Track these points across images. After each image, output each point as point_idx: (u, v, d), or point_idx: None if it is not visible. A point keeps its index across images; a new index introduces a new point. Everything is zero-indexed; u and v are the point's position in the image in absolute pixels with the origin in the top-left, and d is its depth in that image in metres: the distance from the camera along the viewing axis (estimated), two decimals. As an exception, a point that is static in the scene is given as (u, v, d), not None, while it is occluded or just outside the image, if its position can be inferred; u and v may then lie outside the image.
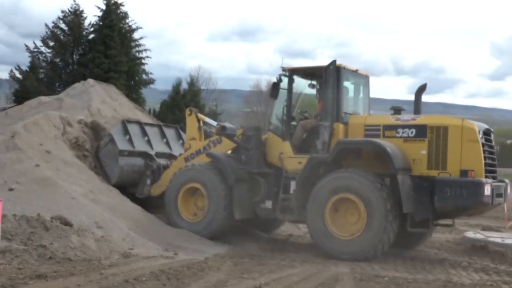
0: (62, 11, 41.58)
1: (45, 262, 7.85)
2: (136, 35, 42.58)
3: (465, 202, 9.37)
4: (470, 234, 12.26)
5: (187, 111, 13.45)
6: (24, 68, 41.39)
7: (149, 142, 13.82)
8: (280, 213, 10.90)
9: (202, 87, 54.31)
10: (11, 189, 10.55)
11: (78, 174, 12.10)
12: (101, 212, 10.49)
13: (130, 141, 13.28)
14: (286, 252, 10.38)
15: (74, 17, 41.39)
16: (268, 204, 11.07)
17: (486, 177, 9.58)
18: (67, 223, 9.37)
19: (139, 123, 14.21)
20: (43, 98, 16.94)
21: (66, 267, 7.58)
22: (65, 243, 8.67)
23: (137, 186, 12.88)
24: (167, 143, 14.36)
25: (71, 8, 41.65)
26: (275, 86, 11.33)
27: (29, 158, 11.56)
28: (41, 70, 41.43)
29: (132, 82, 41.06)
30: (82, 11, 41.68)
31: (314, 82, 11.67)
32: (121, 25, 41.13)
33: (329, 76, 10.66)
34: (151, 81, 44.01)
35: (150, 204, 12.60)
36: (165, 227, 11.38)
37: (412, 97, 11.28)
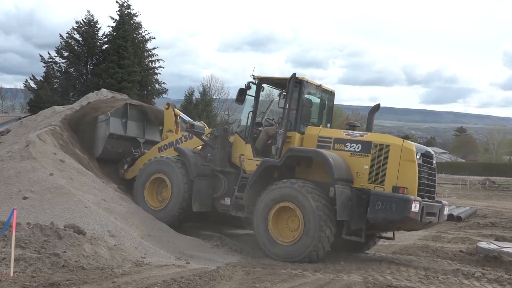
0: (77, 22, 41.95)
1: (58, 270, 7.87)
2: (149, 45, 42.90)
3: (392, 216, 9.69)
4: (484, 244, 12.16)
5: (165, 106, 14.17)
6: (38, 78, 41.79)
7: (143, 128, 14.37)
8: (233, 210, 11.35)
9: (214, 97, 54.55)
10: (25, 198, 10.61)
11: (91, 183, 12.16)
12: (114, 220, 10.53)
13: (125, 124, 13.83)
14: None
15: (88, 27, 41.71)
16: (227, 201, 11.53)
17: (421, 196, 10.03)
18: (80, 232, 9.40)
19: (141, 106, 14.80)
20: (57, 108, 17.07)
21: (79, 275, 7.60)
22: (78, 252, 8.69)
23: (115, 164, 13.75)
24: (162, 131, 14.63)
25: (85, 19, 42.04)
26: (242, 92, 11.72)
27: (43, 167, 11.63)
28: (56, 80, 41.76)
29: (145, 92, 41.24)
30: (96, 22, 42.03)
31: (284, 92, 11.85)
32: (135, 35, 41.39)
33: (290, 88, 11.12)
34: (164, 91, 44.23)
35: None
36: (178, 236, 11.38)
37: (425, 107, 11.49)
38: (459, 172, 69.05)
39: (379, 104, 11.75)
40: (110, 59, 39.37)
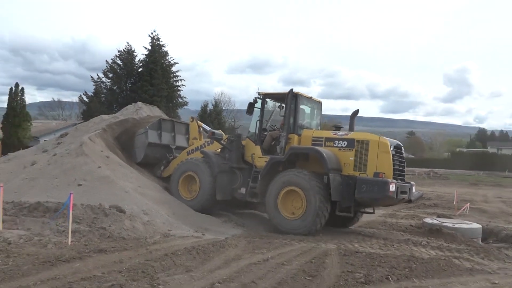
0: (119, 51, 41.88)
1: (104, 240, 7.89)
2: (174, 68, 42.68)
3: (375, 195, 9.88)
4: (428, 220, 12.17)
5: (190, 119, 14.20)
6: (89, 94, 41.67)
7: (174, 137, 14.23)
8: (249, 197, 11.35)
9: (224, 108, 54.41)
10: (79, 185, 10.63)
11: (129, 173, 12.17)
12: (147, 202, 10.53)
13: (160, 135, 13.70)
14: (287, 234, 10.34)
15: (127, 55, 41.63)
16: (243, 190, 11.50)
17: (395, 179, 10.14)
18: (121, 211, 9.41)
19: (172, 121, 14.79)
20: (104, 116, 17.05)
21: (120, 244, 7.62)
22: (120, 226, 8.70)
23: (154, 167, 13.64)
24: (188, 139, 14.57)
25: (125, 48, 41.94)
26: (251, 106, 11.68)
27: (93, 161, 11.64)
28: (102, 95, 41.65)
29: (171, 104, 41.14)
30: (133, 51, 41.93)
31: (283, 104, 11.81)
32: (163, 61, 41.26)
33: (288, 100, 11.19)
34: (185, 103, 44.08)
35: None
36: (196, 214, 11.38)
37: (384, 115, 11.65)
38: (410, 166, 68.88)
39: (358, 110, 11.80)
40: (144, 79, 39.28)
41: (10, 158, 14.79)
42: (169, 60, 42.24)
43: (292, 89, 11.18)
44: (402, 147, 11.04)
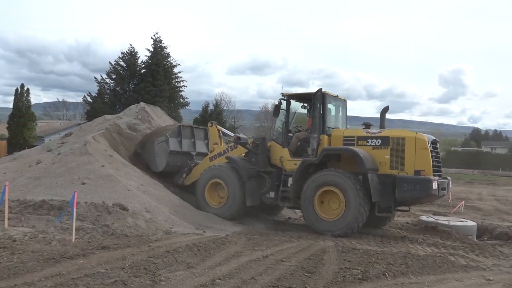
0: (122, 53, 41.91)
1: (108, 237, 7.88)
2: (176, 70, 42.72)
3: (418, 194, 9.39)
4: (424, 217, 12.14)
5: (209, 124, 13.65)
6: (93, 94, 41.69)
7: (194, 143, 13.76)
8: (280, 201, 10.92)
9: (224, 108, 54.41)
10: (83, 183, 10.61)
11: (132, 172, 12.14)
12: (149, 200, 10.51)
13: (180, 142, 13.23)
14: (286, 231, 10.32)
15: (130, 57, 41.63)
16: (272, 194, 11.05)
17: (433, 175, 9.62)
18: (124, 208, 9.40)
19: (190, 127, 14.27)
20: (107, 116, 17.08)
21: (123, 241, 7.60)
22: (122, 223, 8.69)
23: (176, 175, 13.11)
24: (207, 144, 14.15)
25: (128, 50, 41.96)
26: (277, 108, 11.30)
27: (97, 160, 11.62)
28: (106, 96, 41.66)
29: (173, 105, 41.16)
30: (136, 53, 41.95)
31: (305, 104, 11.57)
32: (165, 62, 41.28)
33: (316, 100, 10.70)
34: (187, 104, 44.11)
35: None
36: (197, 211, 11.35)
37: (379, 116, 11.22)
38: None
39: (388, 106, 11.16)
40: (147, 80, 39.28)
41: (15, 157, 14.79)
42: (171, 61, 42.27)
43: (320, 89, 10.66)
44: (437, 142, 10.52)
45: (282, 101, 11.30)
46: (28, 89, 38.75)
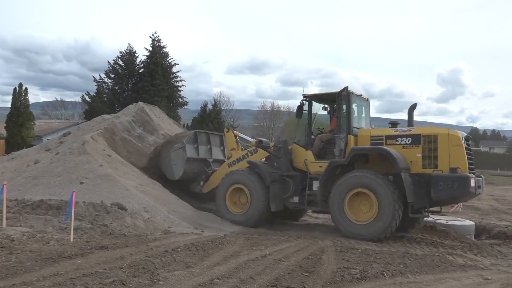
0: (120, 52, 41.81)
1: (106, 237, 7.87)
2: (174, 69, 42.60)
3: (456, 192, 8.98)
4: (422, 217, 12.12)
5: (225, 129, 13.29)
6: (92, 93, 41.63)
7: (210, 150, 13.40)
8: (307, 206, 10.55)
9: (223, 108, 54.39)
10: (81, 183, 10.60)
11: (131, 172, 12.14)
12: (148, 200, 10.50)
13: (197, 149, 12.88)
14: (285, 231, 10.32)
15: (129, 56, 41.56)
16: (296, 199, 10.67)
17: (469, 173, 9.24)
18: (122, 208, 9.39)
19: (206, 133, 13.84)
20: (105, 116, 17.04)
21: (122, 240, 7.60)
22: (121, 223, 8.69)
23: (192, 183, 12.78)
24: (223, 151, 13.85)
25: (126, 49, 41.87)
26: (299, 109, 10.87)
27: (95, 160, 11.61)
28: (104, 95, 41.57)
29: (171, 104, 41.07)
30: (134, 52, 41.85)
31: (326, 105, 11.23)
32: (163, 62, 41.19)
33: (341, 99, 10.37)
34: (185, 103, 44.01)
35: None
36: (195, 211, 11.35)
37: (379, 115, 11.26)
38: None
39: (415, 104, 10.69)
40: (145, 80, 39.22)
41: (13, 156, 14.77)
42: (170, 61, 42.18)
43: (346, 87, 10.28)
44: (470, 139, 10.19)
45: (304, 102, 10.91)
46: (26, 88, 38.69)
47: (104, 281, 5.24)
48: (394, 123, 10.39)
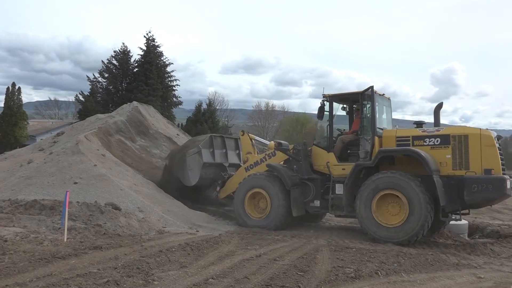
0: (114, 51, 41.62)
1: (100, 237, 7.84)
2: (168, 69, 42.45)
3: (491, 195, 8.62)
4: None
5: (240, 133, 12.88)
6: (86, 93, 41.45)
7: (226, 154, 13.09)
8: (331, 210, 10.12)
9: (217, 107, 54.23)
10: (75, 183, 10.57)
11: (125, 171, 12.10)
12: (142, 200, 10.48)
13: (213, 153, 12.54)
14: (279, 230, 10.31)
15: (123, 55, 41.39)
16: (317, 203, 10.37)
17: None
18: (117, 208, 9.37)
19: (222, 136, 13.49)
20: (99, 115, 17.01)
21: (116, 240, 7.57)
22: (115, 223, 8.66)
23: (208, 188, 12.51)
24: (238, 154, 13.50)
25: (120, 49, 41.69)
26: (321, 110, 10.41)
27: (89, 160, 11.58)
28: (98, 95, 41.39)
29: (166, 104, 40.94)
30: (129, 51, 41.69)
31: (345, 105, 10.90)
32: (158, 61, 41.06)
33: (366, 99, 10.02)
34: (180, 103, 43.88)
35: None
36: (190, 211, 11.33)
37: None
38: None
39: (442, 103, 10.28)
40: (139, 79, 39.08)
41: (6, 156, 14.69)
42: (164, 60, 42.05)
43: (372, 87, 9.89)
44: (501, 139, 9.78)
45: (324, 102, 10.47)
46: (19, 87, 38.52)
47: (98, 281, 5.22)
48: (419, 123, 10.02)
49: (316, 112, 10.75)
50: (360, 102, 10.15)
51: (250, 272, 5.95)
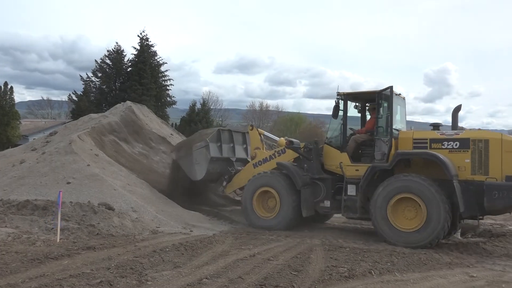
0: (108, 51, 41.58)
1: (93, 237, 7.81)
2: (162, 68, 42.43)
3: None
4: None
5: (249, 127, 12.56)
6: (79, 93, 41.31)
7: (233, 148, 12.68)
8: (343, 212, 9.82)
9: (211, 107, 54.17)
10: (68, 183, 10.51)
11: (118, 171, 12.05)
12: (136, 199, 10.44)
13: (220, 148, 12.12)
14: (273, 230, 10.31)
15: (117, 55, 41.29)
16: (327, 203, 10.13)
17: None
18: (110, 208, 9.32)
19: (229, 130, 13.07)
20: (93, 115, 16.92)
21: (109, 240, 7.54)
22: (108, 223, 8.63)
23: (215, 183, 12.25)
24: (246, 149, 13.10)
25: (114, 48, 41.62)
26: (336, 109, 10.00)
27: (82, 159, 11.52)
28: (92, 94, 41.27)
29: (159, 103, 40.90)
30: (122, 51, 41.61)
31: (357, 104, 10.70)
32: (152, 61, 41.00)
33: (384, 99, 9.73)
34: (174, 103, 43.85)
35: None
36: (183, 211, 11.29)
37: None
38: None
39: (460, 105, 9.99)
40: (133, 79, 39.00)
41: (-1, 156, 14.56)
42: (158, 60, 42.00)
43: (391, 86, 9.50)
44: None
45: (339, 101, 10.12)
46: (11, 87, 38.28)
47: (91, 282, 5.20)
48: (436, 125, 9.64)
49: (310, 112, 10.72)
50: (376, 101, 9.81)
51: (244, 272, 5.95)
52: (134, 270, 5.76)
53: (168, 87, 42.78)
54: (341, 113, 10.12)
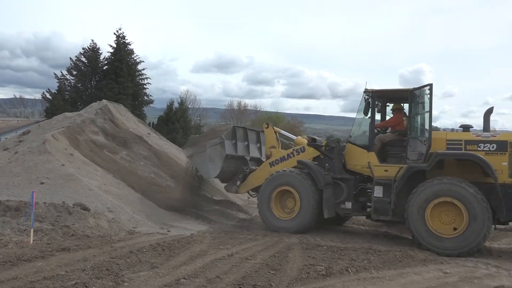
0: (83, 48, 40.76)
1: (68, 238, 7.67)
2: (139, 67, 41.85)
3: None
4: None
5: (264, 125, 12.10)
6: (53, 91, 40.45)
7: (247, 147, 12.21)
8: (373, 215, 9.43)
9: (189, 106, 53.77)
10: (42, 183, 10.31)
11: (94, 171, 11.87)
12: (112, 200, 10.31)
13: (235, 145, 11.66)
14: (251, 229, 10.33)
15: (92, 53, 40.57)
16: (348, 204, 9.84)
17: None
18: (85, 209, 9.18)
19: (244, 128, 12.68)
20: (67, 114, 16.62)
21: (84, 242, 7.42)
22: (84, 224, 8.49)
23: (228, 182, 11.84)
24: (259, 148, 12.67)
25: (90, 46, 40.85)
26: (368, 106, 9.71)
27: (56, 159, 11.32)
28: (66, 93, 40.46)
29: (136, 102, 40.36)
30: (98, 48, 40.88)
31: (378, 103, 10.30)
32: (128, 59, 40.40)
33: (421, 97, 9.44)
34: (151, 101, 43.34)
35: None
36: (160, 210, 11.20)
37: (344, 114, 11.02)
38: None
39: (492, 107, 9.70)
40: (109, 77, 38.38)
41: (-32, 156, 14.13)
42: (135, 58, 41.43)
43: (431, 84, 9.05)
44: None
45: (368, 98, 9.78)
46: (-18, 85, 37.22)
47: (66, 284, 5.11)
48: (466, 127, 9.39)
49: (288, 111, 10.74)
50: (409, 99, 9.60)
51: (222, 272, 5.95)
52: (110, 271, 5.68)
53: (145, 86, 42.27)
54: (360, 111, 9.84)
